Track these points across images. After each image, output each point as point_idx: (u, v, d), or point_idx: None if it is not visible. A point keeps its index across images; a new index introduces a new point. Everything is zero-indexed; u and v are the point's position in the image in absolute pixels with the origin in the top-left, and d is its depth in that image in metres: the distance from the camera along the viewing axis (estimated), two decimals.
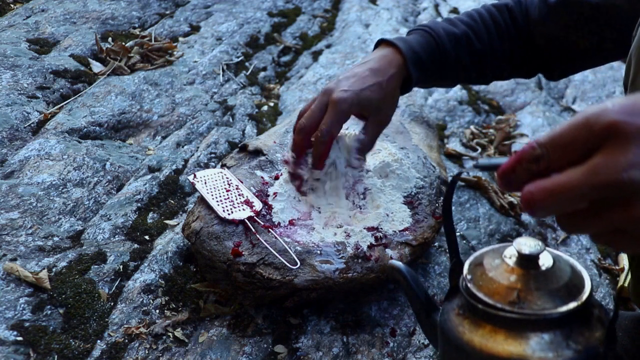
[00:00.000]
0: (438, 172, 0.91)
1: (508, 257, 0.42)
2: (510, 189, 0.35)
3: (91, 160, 0.93)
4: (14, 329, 0.64)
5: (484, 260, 0.43)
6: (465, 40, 0.80)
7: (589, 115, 0.32)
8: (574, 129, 0.32)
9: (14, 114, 0.97)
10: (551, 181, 0.32)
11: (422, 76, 0.79)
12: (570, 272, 0.41)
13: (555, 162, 0.33)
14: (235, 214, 0.73)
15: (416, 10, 2.01)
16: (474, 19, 0.82)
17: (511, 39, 0.82)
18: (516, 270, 0.40)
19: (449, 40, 0.79)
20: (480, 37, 0.81)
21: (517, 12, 0.82)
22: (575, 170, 0.32)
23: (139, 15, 1.48)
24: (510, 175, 0.35)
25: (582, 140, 0.32)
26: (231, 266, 0.68)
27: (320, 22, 1.79)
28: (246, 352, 0.68)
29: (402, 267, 0.52)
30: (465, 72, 0.83)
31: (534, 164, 0.34)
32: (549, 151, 0.33)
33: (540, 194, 0.32)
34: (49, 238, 0.78)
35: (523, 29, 0.82)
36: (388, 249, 0.74)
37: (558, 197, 0.32)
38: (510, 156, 0.35)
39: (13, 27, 1.26)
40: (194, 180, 0.80)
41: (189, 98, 1.20)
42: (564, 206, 0.32)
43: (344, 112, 0.72)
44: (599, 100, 1.61)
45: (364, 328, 0.75)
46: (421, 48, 0.77)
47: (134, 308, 0.71)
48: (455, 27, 0.80)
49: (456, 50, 0.79)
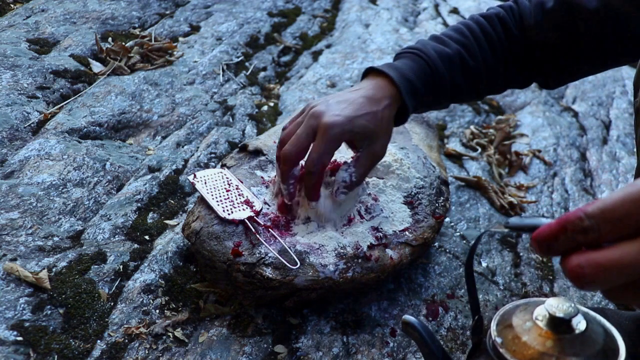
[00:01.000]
0: (438, 172, 0.91)
1: (540, 320, 0.40)
2: (548, 255, 0.34)
3: (91, 160, 0.93)
4: (14, 329, 0.64)
5: (513, 321, 0.42)
6: (458, 59, 0.75)
7: None
8: (628, 202, 0.31)
9: (14, 114, 0.97)
10: (604, 256, 0.30)
11: (418, 104, 0.74)
12: (604, 334, 0.40)
13: (605, 236, 0.31)
14: (235, 214, 0.73)
15: (416, 10, 2.01)
16: (465, 35, 0.77)
17: (504, 50, 0.78)
18: (550, 334, 0.39)
19: (442, 62, 0.74)
20: (473, 54, 0.76)
21: (509, 21, 0.78)
22: (630, 245, 0.30)
23: (139, 15, 1.48)
24: (552, 243, 0.32)
25: (636, 216, 0.30)
26: (231, 266, 0.68)
27: (320, 22, 1.79)
28: (246, 352, 0.68)
29: (416, 322, 0.49)
30: (460, 93, 0.78)
31: (580, 235, 0.31)
32: (599, 224, 0.31)
33: (592, 269, 0.30)
34: (49, 238, 0.78)
35: (516, 38, 0.78)
36: (388, 249, 0.74)
37: (610, 273, 0.30)
38: (550, 220, 0.33)
39: (13, 27, 1.26)
40: (194, 180, 0.80)
41: (189, 98, 1.20)
42: (615, 282, 0.31)
43: (335, 138, 0.65)
44: (599, 101, 1.61)
45: (364, 328, 0.75)
46: (414, 75, 0.72)
47: (134, 308, 0.71)
48: (446, 47, 0.75)
49: (450, 72, 0.75)
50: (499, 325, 0.42)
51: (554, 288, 0.93)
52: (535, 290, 0.91)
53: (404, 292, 0.82)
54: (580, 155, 1.36)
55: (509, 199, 1.08)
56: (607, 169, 1.32)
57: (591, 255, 0.31)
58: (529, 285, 0.91)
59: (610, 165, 1.34)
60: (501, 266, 0.93)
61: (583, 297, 0.93)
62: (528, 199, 1.12)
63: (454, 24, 0.81)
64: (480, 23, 0.79)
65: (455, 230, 0.98)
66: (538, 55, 0.78)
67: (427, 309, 0.80)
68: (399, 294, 0.81)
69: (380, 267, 0.72)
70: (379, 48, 1.64)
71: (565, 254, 0.32)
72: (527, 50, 0.78)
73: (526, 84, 0.84)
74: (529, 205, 1.11)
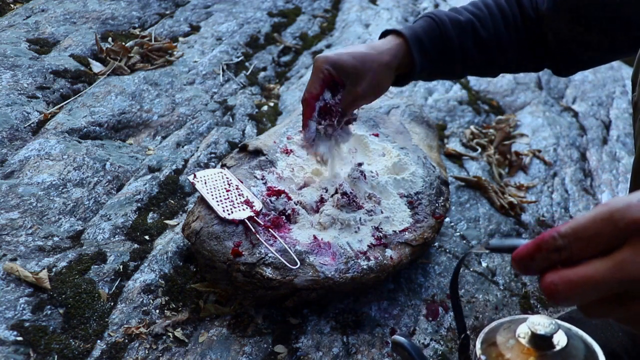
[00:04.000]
0: (438, 172, 0.91)
1: (522, 337, 0.41)
2: (527, 273, 0.35)
3: (91, 160, 0.93)
4: (14, 329, 0.64)
5: (497, 339, 0.43)
6: (470, 27, 0.79)
7: (614, 210, 0.32)
8: (599, 222, 0.32)
9: (14, 114, 0.97)
10: (575, 273, 0.32)
11: (426, 62, 0.78)
12: (585, 349, 0.41)
13: (577, 254, 0.32)
14: (235, 214, 0.73)
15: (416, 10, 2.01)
16: (479, 8, 0.81)
17: (518, 30, 0.80)
18: (532, 351, 0.40)
19: (452, 27, 0.78)
20: (485, 26, 0.79)
21: (526, 3, 0.80)
22: (600, 263, 0.31)
23: (139, 15, 1.48)
24: (528, 262, 0.34)
25: (606, 235, 0.32)
26: (231, 266, 0.68)
27: (320, 22, 1.79)
28: (246, 352, 0.68)
29: (405, 342, 0.50)
30: (471, 61, 0.81)
31: (554, 254, 0.33)
32: (571, 243, 0.32)
33: (564, 285, 0.32)
34: (49, 238, 0.78)
35: (532, 21, 0.80)
36: (388, 249, 0.74)
37: (582, 289, 0.32)
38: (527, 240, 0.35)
39: (13, 27, 1.26)
40: (194, 180, 0.80)
41: (189, 98, 1.20)
42: (588, 298, 0.32)
43: (319, 68, 0.71)
44: (599, 101, 1.61)
45: (364, 328, 0.75)
46: (424, 33, 0.77)
47: (134, 308, 0.71)
48: (459, 15, 0.80)
49: (460, 38, 0.78)
50: (483, 343, 0.43)
51: None
52: (535, 290, 0.91)
53: (404, 292, 0.82)
54: (580, 155, 1.36)
55: (509, 199, 1.08)
56: (607, 169, 1.32)
57: (564, 273, 0.32)
58: (528, 285, 0.91)
59: (610, 165, 1.34)
60: (501, 266, 0.93)
61: None
62: (528, 199, 1.12)
63: None
64: (497, 1, 0.82)
65: (455, 230, 0.98)
66: (551, 42, 0.79)
67: (427, 309, 0.80)
68: (399, 294, 0.81)
69: (380, 267, 0.72)
70: None
71: (542, 272, 0.33)
72: (540, 35, 0.80)
73: (539, 68, 0.87)
74: (529, 205, 1.11)
